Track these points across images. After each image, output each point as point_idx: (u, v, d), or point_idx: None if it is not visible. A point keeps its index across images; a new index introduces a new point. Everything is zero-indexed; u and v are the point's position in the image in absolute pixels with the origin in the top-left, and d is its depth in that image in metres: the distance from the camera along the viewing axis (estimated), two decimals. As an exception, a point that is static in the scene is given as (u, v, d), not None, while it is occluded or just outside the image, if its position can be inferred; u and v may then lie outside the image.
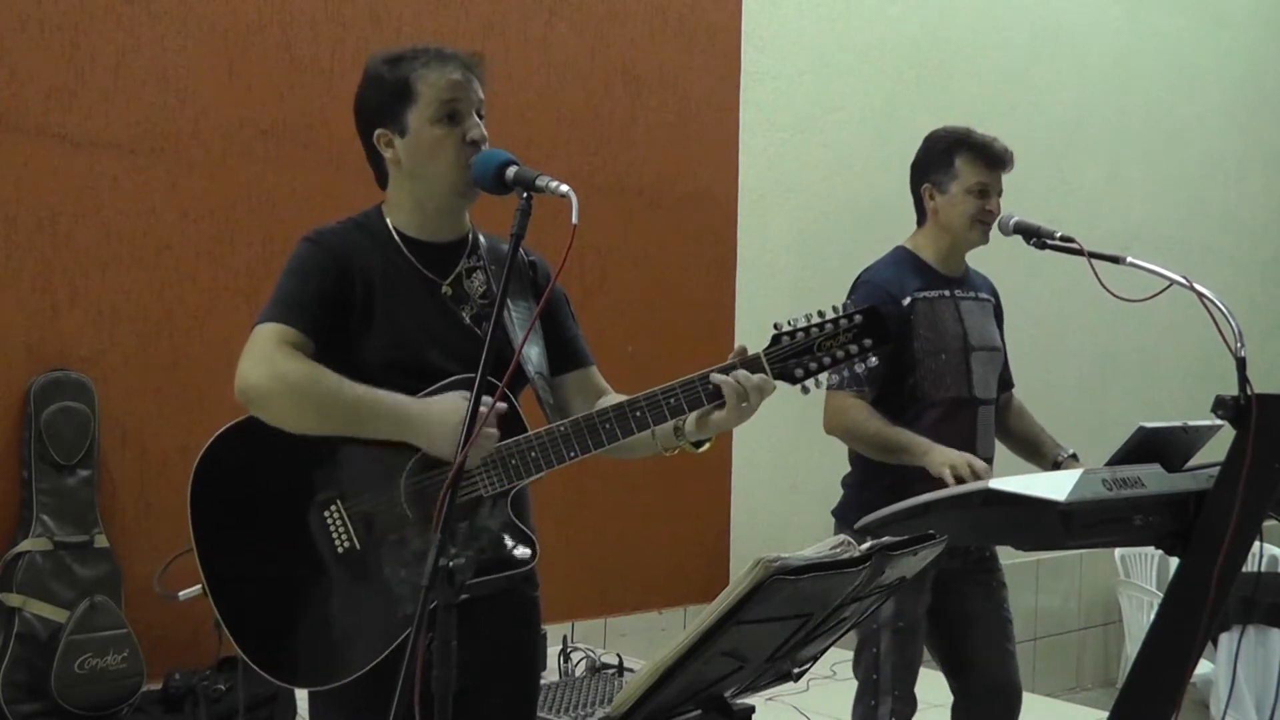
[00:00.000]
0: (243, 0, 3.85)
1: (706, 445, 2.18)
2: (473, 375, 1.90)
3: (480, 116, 2.19)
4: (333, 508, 2.11)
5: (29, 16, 3.52)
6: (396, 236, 2.21)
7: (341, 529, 2.11)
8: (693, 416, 2.09)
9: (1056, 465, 3.29)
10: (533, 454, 2.07)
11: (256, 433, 2.08)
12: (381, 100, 2.19)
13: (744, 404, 2.05)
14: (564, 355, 2.32)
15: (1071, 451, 3.31)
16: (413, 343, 2.15)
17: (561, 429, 2.07)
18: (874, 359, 2.10)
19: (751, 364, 2.07)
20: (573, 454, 2.07)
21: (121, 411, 3.64)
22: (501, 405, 2.02)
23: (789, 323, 2.08)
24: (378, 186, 2.28)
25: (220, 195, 3.81)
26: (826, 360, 2.07)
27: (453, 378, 2.11)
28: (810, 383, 2.08)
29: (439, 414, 2.04)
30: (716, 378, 2.05)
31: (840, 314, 2.08)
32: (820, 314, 2.09)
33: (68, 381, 3.52)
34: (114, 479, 3.62)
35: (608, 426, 2.06)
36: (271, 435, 2.07)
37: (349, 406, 2.05)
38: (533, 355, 2.23)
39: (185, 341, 3.74)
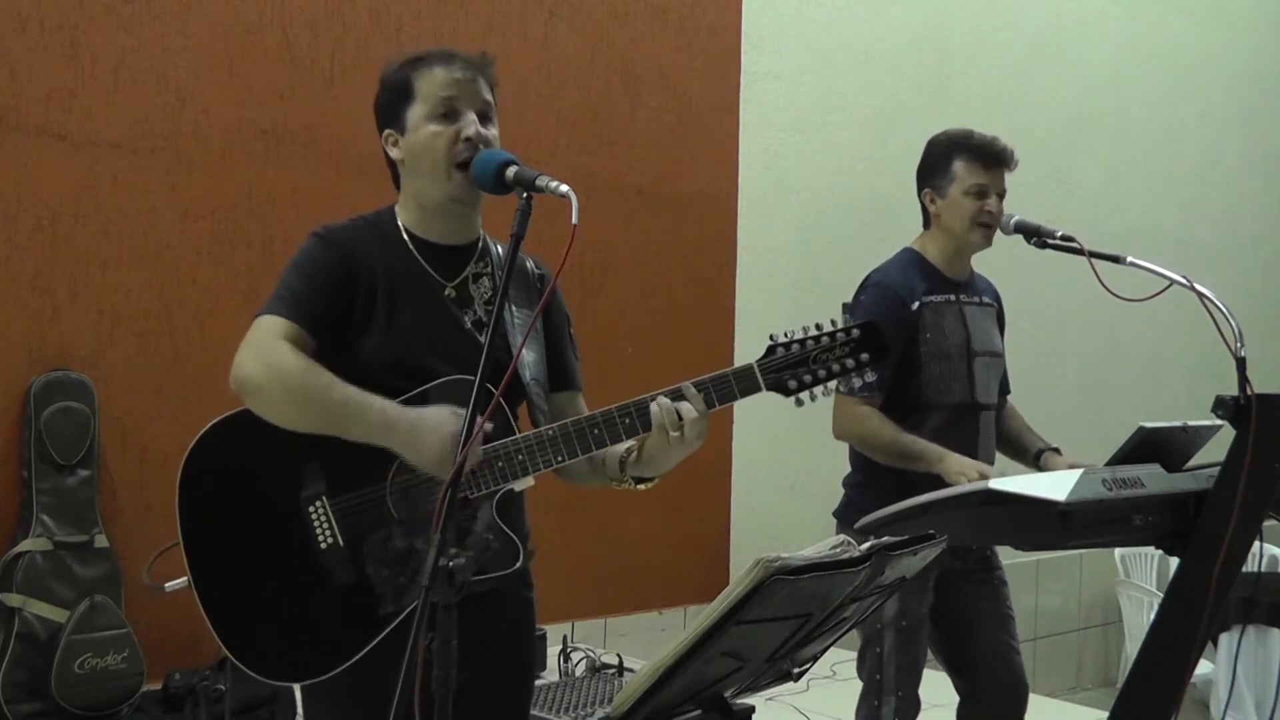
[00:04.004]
0: (243, 0, 3.85)
1: (649, 484, 2.19)
2: (465, 377, 1.90)
3: (486, 118, 2.19)
4: (318, 504, 2.11)
5: (29, 16, 3.52)
6: (406, 236, 2.22)
7: (325, 525, 2.11)
8: (637, 450, 2.11)
9: (1038, 458, 3.29)
10: (519, 457, 2.07)
11: (246, 427, 2.09)
12: (388, 100, 2.22)
13: (675, 433, 2.02)
14: (557, 373, 2.32)
15: (1054, 445, 3.32)
16: (411, 343, 2.15)
17: (549, 433, 2.07)
18: (870, 374, 2.09)
19: (746, 376, 2.05)
20: (560, 458, 2.06)
21: (121, 411, 3.64)
22: (489, 426, 2.00)
23: (785, 334, 2.06)
24: (393, 186, 2.29)
25: (220, 195, 3.81)
26: (822, 373, 2.05)
27: (444, 379, 2.11)
28: (805, 395, 2.06)
29: (428, 426, 2.02)
30: (652, 406, 2.03)
31: (838, 327, 2.07)
32: (818, 326, 2.07)
33: (68, 381, 3.52)
34: (114, 479, 3.62)
35: (595, 432, 2.05)
36: (261, 430, 2.08)
37: (337, 405, 2.04)
38: (530, 362, 2.23)
39: (185, 341, 3.74)
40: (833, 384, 2.07)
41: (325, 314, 2.12)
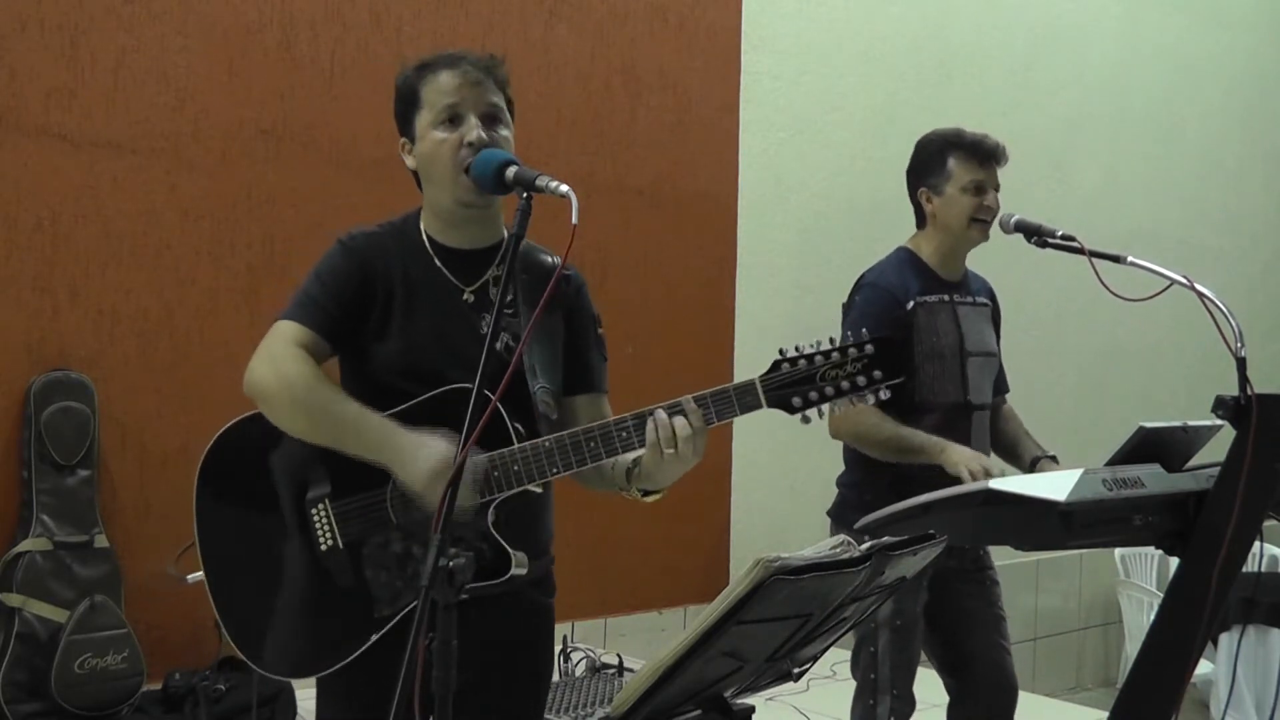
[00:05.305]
0: (243, 0, 3.85)
1: (655, 496, 2.16)
2: (470, 386, 1.91)
3: (495, 120, 2.18)
4: (320, 506, 2.14)
5: (29, 16, 3.52)
6: (426, 242, 2.23)
7: (326, 527, 2.14)
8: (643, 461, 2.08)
9: (1033, 465, 3.29)
10: (515, 467, 2.06)
11: (262, 427, 2.14)
12: (400, 109, 2.24)
13: (669, 450, 2.00)
14: (576, 376, 2.30)
15: (1051, 453, 3.31)
16: (425, 348, 2.16)
17: (546, 444, 2.06)
18: (885, 392, 1.97)
19: (748, 392, 2.00)
20: (555, 470, 2.06)
21: (121, 411, 3.64)
22: (481, 458, 2.01)
23: (795, 349, 2.00)
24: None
25: (220, 195, 3.81)
26: (829, 391, 1.97)
27: (450, 387, 2.12)
28: (812, 413, 1.99)
29: (422, 452, 2.02)
30: (648, 421, 2.01)
31: (849, 342, 1.99)
32: (831, 340, 2.00)
33: (68, 381, 3.52)
34: (114, 479, 3.62)
35: (592, 445, 2.04)
36: (275, 431, 2.13)
37: (337, 420, 2.08)
38: (541, 368, 2.22)
39: (185, 341, 3.74)
40: (842, 402, 1.99)
41: (341, 320, 2.16)
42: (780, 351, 2.02)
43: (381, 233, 2.24)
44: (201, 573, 2.19)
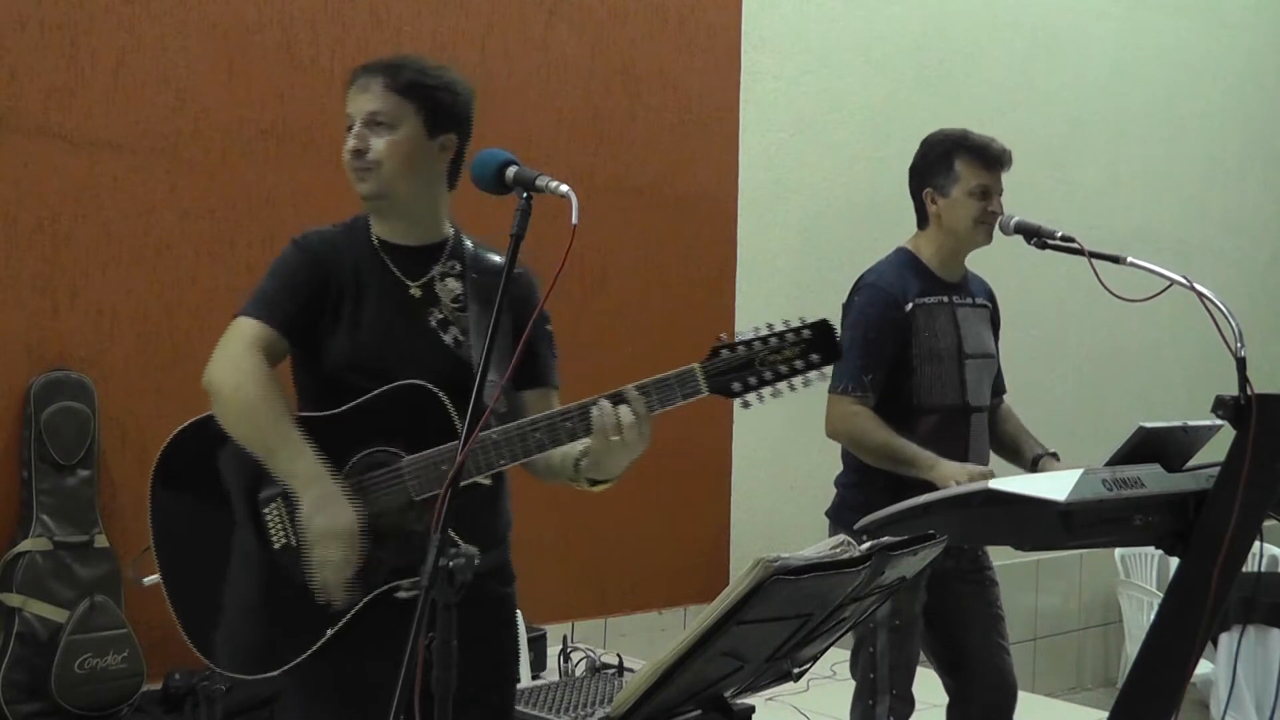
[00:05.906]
0: (243, 0, 3.85)
1: (604, 485, 2.18)
2: (416, 382, 2.07)
3: (375, 124, 2.25)
4: (274, 504, 2.17)
5: (29, 16, 3.52)
6: (375, 240, 2.29)
7: (279, 525, 2.17)
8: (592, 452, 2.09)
9: (1035, 462, 3.29)
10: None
11: (215, 428, 2.18)
12: None
13: (615, 437, 2.02)
14: (526, 371, 2.31)
15: (1052, 450, 3.31)
16: (372, 344, 2.21)
17: (493, 436, 2.08)
18: (822, 374, 2.02)
19: (688, 379, 2.04)
20: (502, 460, 2.08)
21: (121, 411, 3.64)
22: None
23: (735, 335, 2.05)
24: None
25: (220, 195, 3.81)
26: (768, 375, 2.02)
27: (395, 384, 2.14)
28: (752, 397, 2.03)
29: (334, 511, 2.07)
30: (592, 409, 2.03)
31: (789, 327, 2.03)
32: (770, 326, 2.04)
33: (68, 381, 3.52)
34: (114, 479, 3.62)
35: (537, 435, 2.07)
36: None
37: (273, 441, 2.11)
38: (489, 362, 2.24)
39: (185, 341, 3.74)
40: (783, 385, 2.03)
41: (296, 315, 2.21)
42: (718, 338, 2.05)
43: (334, 232, 2.31)
44: (158, 575, 2.21)
